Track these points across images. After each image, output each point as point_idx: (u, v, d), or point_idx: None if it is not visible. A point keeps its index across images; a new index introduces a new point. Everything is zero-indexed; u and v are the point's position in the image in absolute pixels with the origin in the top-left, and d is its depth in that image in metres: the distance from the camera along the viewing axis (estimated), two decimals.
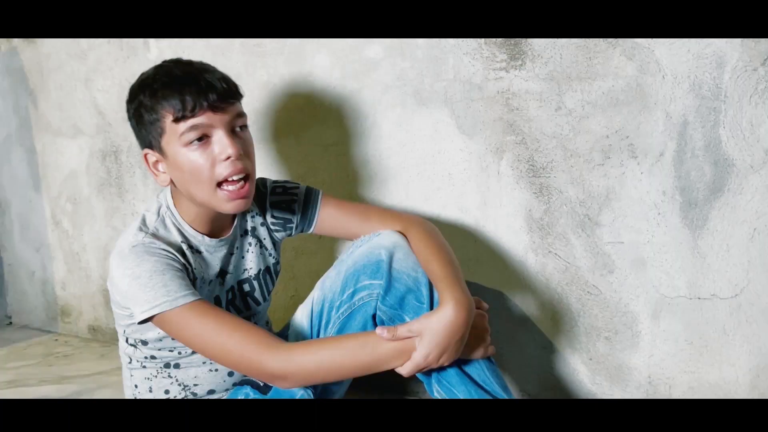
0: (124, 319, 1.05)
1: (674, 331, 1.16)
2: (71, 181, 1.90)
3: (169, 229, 1.04)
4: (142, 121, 1.01)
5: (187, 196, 1.03)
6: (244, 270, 1.15)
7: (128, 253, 0.98)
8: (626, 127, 1.14)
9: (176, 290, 0.95)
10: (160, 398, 1.11)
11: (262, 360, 0.95)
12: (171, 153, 0.99)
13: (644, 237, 1.16)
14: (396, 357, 0.96)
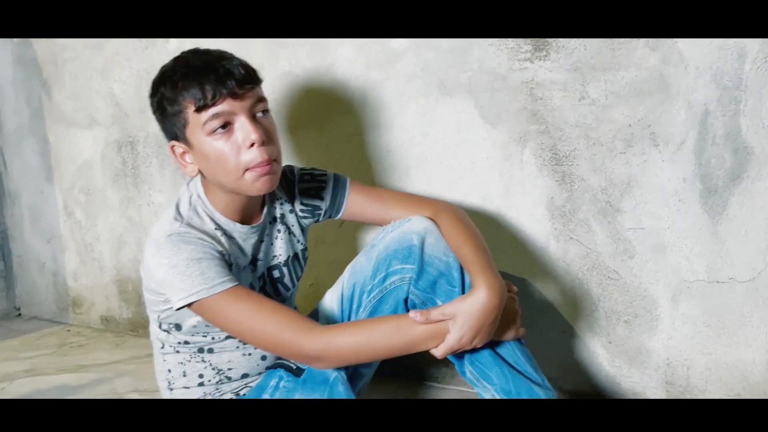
0: (158, 305, 1.06)
1: (693, 314, 1.20)
2: (85, 172, 1.90)
3: (202, 217, 1.06)
4: (165, 114, 1.02)
5: (216, 184, 1.05)
6: (273, 257, 1.17)
7: (164, 242, 0.99)
8: (649, 117, 1.18)
9: (213, 277, 0.97)
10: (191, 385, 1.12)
11: (299, 342, 0.97)
12: (196, 143, 1.01)
13: (665, 223, 1.20)
14: (429, 339, 0.99)
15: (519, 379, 1.01)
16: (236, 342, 1.11)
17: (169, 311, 1.05)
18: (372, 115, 1.43)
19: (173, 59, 1.04)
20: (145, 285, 1.07)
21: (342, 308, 1.14)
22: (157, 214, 1.80)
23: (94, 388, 1.54)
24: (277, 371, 1.09)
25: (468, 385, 1.44)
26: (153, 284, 1.03)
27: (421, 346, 0.99)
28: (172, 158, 1.71)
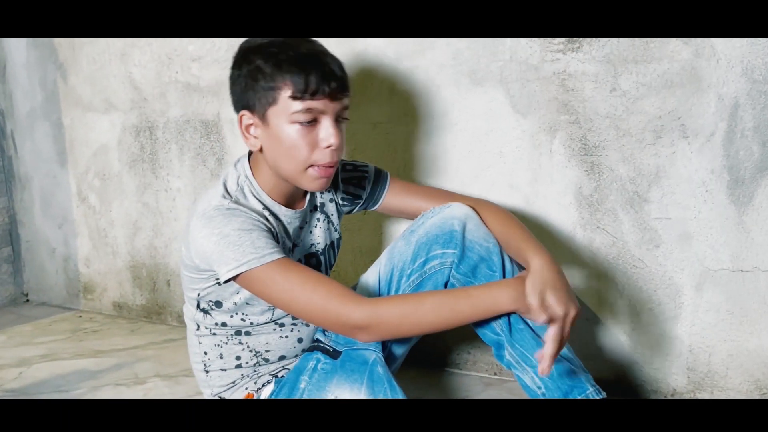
0: (200, 283, 1.07)
1: (716, 302, 1.24)
2: (101, 157, 1.89)
3: (248, 198, 1.06)
4: (254, 85, 1.01)
5: (272, 166, 1.05)
6: (312, 244, 1.18)
7: (215, 214, 0.99)
8: (679, 109, 1.21)
9: (263, 247, 0.97)
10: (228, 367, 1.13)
11: (345, 312, 0.96)
12: (275, 124, 1.01)
13: (691, 213, 1.23)
14: (477, 314, 0.99)
15: (559, 361, 1.04)
16: (273, 324, 1.12)
17: (210, 288, 1.06)
18: (400, 103, 1.44)
19: (275, 40, 1.02)
20: (185, 263, 1.07)
21: (379, 292, 1.15)
22: (175, 200, 1.79)
23: (114, 373, 1.54)
24: (314, 353, 1.10)
25: (487, 370, 1.48)
26: (198, 259, 1.02)
27: (467, 320, 1.00)
28: (194, 144, 1.74)
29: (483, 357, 1.47)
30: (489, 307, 0.98)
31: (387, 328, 0.98)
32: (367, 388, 1.03)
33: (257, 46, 1.03)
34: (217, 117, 1.69)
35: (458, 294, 0.99)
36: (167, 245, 1.84)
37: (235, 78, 1.05)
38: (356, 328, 0.97)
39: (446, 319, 0.98)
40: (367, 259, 1.57)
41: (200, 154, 1.73)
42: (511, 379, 1.44)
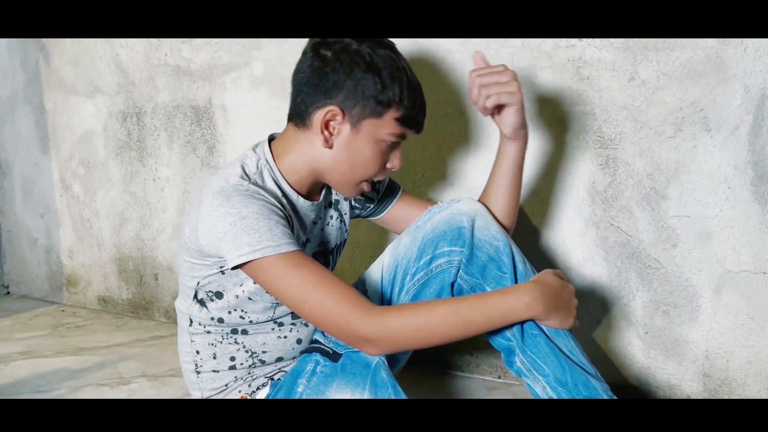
0: (202, 270, 0.99)
1: (736, 306, 1.17)
2: (85, 143, 1.80)
3: (267, 183, 1.00)
4: (363, 92, 0.96)
5: (326, 166, 1.01)
6: (322, 242, 1.12)
7: (233, 193, 0.92)
8: (702, 100, 1.14)
9: (280, 236, 0.91)
10: (221, 368, 1.05)
11: (356, 322, 0.91)
12: (366, 135, 0.98)
13: (712, 211, 1.16)
14: (491, 325, 0.94)
15: (576, 371, 0.97)
16: (272, 323, 1.04)
17: (213, 277, 0.99)
18: None
19: (392, 53, 0.98)
20: (187, 246, 0.99)
21: (382, 291, 1.08)
22: (164, 190, 1.71)
23: (97, 372, 1.46)
24: (312, 355, 1.03)
25: (491, 373, 1.41)
26: (206, 241, 0.94)
27: (479, 332, 0.95)
28: (184, 131, 1.66)
29: (486, 359, 1.41)
30: (504, 316, 0.93)
31: (396, 343, 0.93)
32: (369, 394, 0.96)
33: (364, 50, 0.96)
34: (208, 103, 1.61)
35: (472, 303, 0.93)
36: (155, 237, 1.76)
37: (326, 69, 0.96)
38: (364, 341, 0.92)
39: (459, 332, 0.93)
40: (366, 255, 1.49)
41: (190, 142, 1.65)
42: (516, 383, 1.37)
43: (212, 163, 1.64)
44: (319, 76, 0.97)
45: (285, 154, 1.02)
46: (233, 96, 1.59)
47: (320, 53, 0.97)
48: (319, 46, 0.99)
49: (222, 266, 0.97)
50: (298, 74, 1.00)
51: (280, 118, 1.54)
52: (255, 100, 1.56)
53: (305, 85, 0.99)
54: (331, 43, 0.98)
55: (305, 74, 0.99)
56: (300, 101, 1.00)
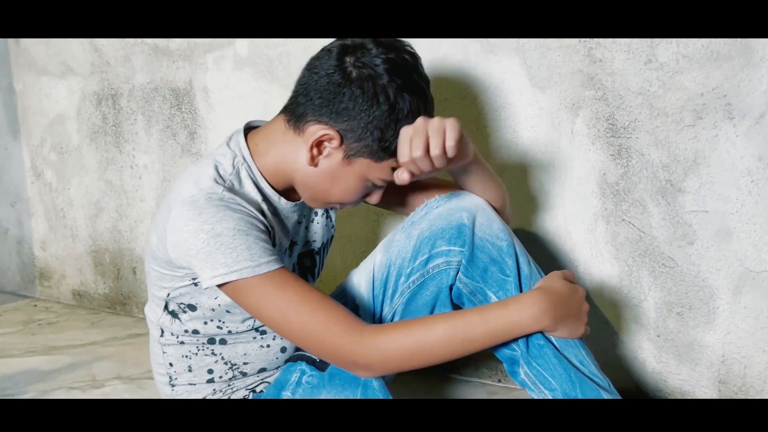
0: (173, 281, 0.89)
1: (756, 308, 1.09)
2: (57, 128, 1.69)
3: (245, 184, 0.89)
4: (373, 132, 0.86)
5: (300, 175, 0.90)
6: (307, 242, 1.03)
7: (206, 205, 0.82)
8: (724, 85, 1.05)
9: (260, 254, 0.82)
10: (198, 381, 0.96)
11: (346, 346, 0.83)
12: (355, 171, 0.89)
13: (732, 206, 1.08)
14: (494, 342, 0.87)
15: (586, 384, 0.88)
16: (253, 332, 0.95)
17: (185, 289, 0.89)
18: None
19: (419, 100, 0.88)
20: (156, 255, 0.90)
21: (373, 293, 0.99)
22: (141, 178, 1.61)
23: (69, 374, 1.37)
24: (297, 364, 0.94)
25: (491, 377, 1.33)
26: (176, 254, 0.85)
27: (481, 349, 0.87)
28: (163, 115, 1.55)
29: (486, 362, 1.32)
30: (508, 332, 0.86)
31: (390, 366, 0.85)
32: None
33: (392, 88, 0.85)
34: (189, 85, 1.51)
35: (471, 319, 0.85)
36: (133, 228, 1.65)
37: (344, 89, 0.85)
38: (356, 365, 0.84)
39: (458, 351, 0.85)
40: (357, 250, 1.40)
41: (170, 127, 1.55)
42: (517, 388, 1.29)
43: (193, 150, 1.54)
44: (333, 94, 0.85)
45: (267, 151, 0.91)
46: (216, 77, 1.48)
47: (344, 67, 0.85)
48: (346, 53, 0.86)
49: (195, 278, 0.88)
50: (312, 73, 0.87)
51: (267, 102, 1.44)
52: (239, 82, 1.46)
53: (315, 91, 0.86)
54: (359, 57, 0.85)
55: (320, 79, 0.86)
56: (302, 102, 0.88)
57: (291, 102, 0.90)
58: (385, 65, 0.85)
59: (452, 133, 0.82)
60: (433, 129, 0.82)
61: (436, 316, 0.87)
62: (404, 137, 0.83)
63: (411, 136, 0.82)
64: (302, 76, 0.89)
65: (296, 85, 0.90)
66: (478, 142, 1.24)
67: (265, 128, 0.93)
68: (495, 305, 0.87)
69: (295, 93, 0.90)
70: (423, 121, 0.83)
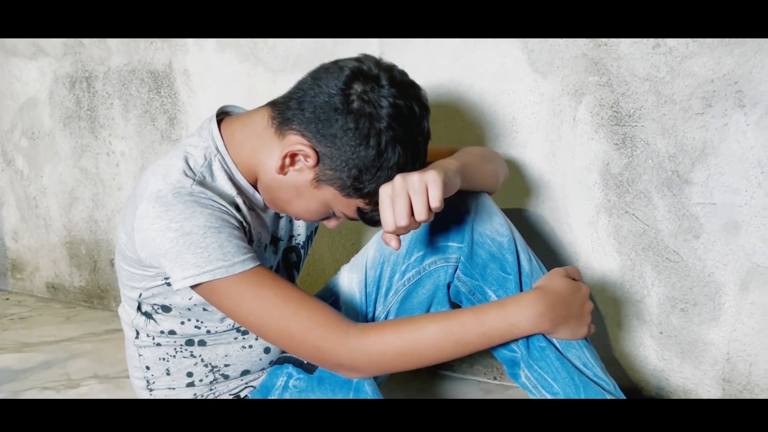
0: (144, 281, 0.83)
1: (763, 304, 1.05)
2: (28, 112, 1.61)
3: (217, 177, 0.82)
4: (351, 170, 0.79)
5: (266, 176, 0.84)
6: (291, 237, 0.97)
7: (174, 201, 0.75)
8: (736, 71, 1.00)
9: (234, 253, 0.76)
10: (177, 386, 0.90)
11: (330, 347, 0.78)
12: (320, 195, 0.83)
13: (741, 198, 1.03)
14: (489, 344, 0.82)
15: (591, 388, 0.83)
16: (234, 332, 0.88)
17: (157, 289, 0.83)
18: (392, 55, 1.20)
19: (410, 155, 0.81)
20: (125, 254, 0.84)
21: (366, 292, 0.94)
22: (119, 165, 1.53)
23: (42, 373, 1.30)
24: (284, 367, 0.89)
25: (486, 374, 1.28)
26: (145, 253, 0.79)
27: (474, 351, 0.82)
28: (141, 99, 1.47)
29: (481, 359, 1.28)
30: (504, 335, 0.81)
31: (379, 368, 0.80)
32: None
33: (386, 136, 0.78)
34: (168, 67, 1.43)
35: (466, 321, 0.79)
36: (110, 218, 1.58)
37: (339, 117, 0.78)
38: (341, 368, 0.80)
39: (451, 353, 0.80)
40: (347, 242, 1.34)
41: (148, 112, 1.47)
42: (514, 385, 1.25)
43: (173, 136, 1.46)
44: (327, 115, 0.78)
45: (242, 143, 0.84)
46: (197, 60, 1.41)
47: (349, 93, 0.78)
48: (357, 79, 0.78)
49: (167, 278, 0.81)
50: (315, 84, 0.80)
51: (252, 86, 1.37)
52: (222, 64, 1.38)
53: (310, 104, 0.79)
54: (368, 91, 0.78)
55: (319, 94, 0.79)
56: (294, 108, 0.80)
57: (283, 101, 0.83)
58: (390, 110, 0.78)
59: (435, 192, 0.75)
60: (414, 189, 0.75)
61: (428, 316, 0.82)
62: (385, 201, 0.76)
63: (392, 198, 0.75)
64: (304, 81, 0.82)
65: (296, 86, 0.83)
66: (475, 129, 1.19)
67: (246, 117, 0.86)
68: (491, 305, 0.82)
69: (291, 95, 0.82)
70: (402, 180, 0.76)
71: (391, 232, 0.77)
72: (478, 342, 0.80)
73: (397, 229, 0.76)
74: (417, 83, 0.83)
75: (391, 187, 0.75)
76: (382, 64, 0.81)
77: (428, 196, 0.75)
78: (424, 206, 0.75)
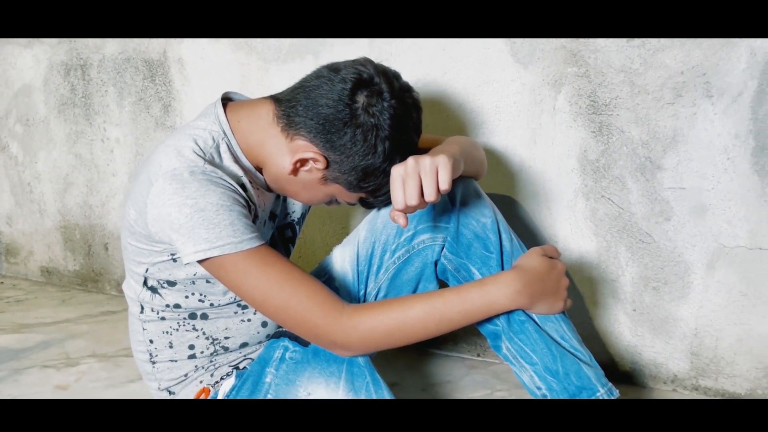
0: (151, 256, 0.87)
1: (729, 282, 1.12)
2: (23, 99, 1.62)
3: (225, 159, 0.87)
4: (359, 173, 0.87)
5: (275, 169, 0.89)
6: (287, 214, 1.02)
7: (190, 179, 0.80)
8: (704, 63, 1.06)
9: (242, 231, 0.80)
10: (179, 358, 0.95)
11: (326, 326, 0.83)
12: (328, 189, 0.91)
13: (709, 183, 1.10)
14: (471, 321, 0.87)
15: (567, 358, 0.89)
16: (235, 306, 0.93)
17: (163, 264, 0.87)
18: (381, 47, 1.24)
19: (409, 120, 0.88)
20: (133, 229, 0.87)
21: (358, 269, 0.98)
22: (113, 152, 1.56)
23: (41, 352, 1.33)
24: (280, 341, 0.93)
25: (470, 351, 1.34)
26: (155, 228, 0.83)
27: (458, 327, 0.87)
28: (136, 87, 1.50)
29: (465, 336, 1.34)
30: (484, 312, 0.87)
31: (369, 346, 0.85)
32: (345, 383, 0.88)
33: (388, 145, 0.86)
34: (163, 56, 1.46)
35: (448, 299, 0.85)
36: (104, 203, 1.61)
37: (348, 129, 0.84)
38: (335, 345, 0.85)
39: (436, 330, 0.86)
40: (337, 226, 1.39)
41: (143, 99, 1.50)
42: (496, 362, 1.31)
43: (167, 123, 1.50)
44: (336, 128, 0.84)
45: (248, 131, 0.89)
46: (191, 48, 1.44)
47: (355, 108, 0.84)
48: (359, 88, 0.84)
49: (173, 254, 0.86)
50: (320, 94, 0.85)
51: (245, 75, 1.40)
52: (216, 53, 1.42)
53: (317, 115, 0.84)
54: (372, 103, 0.84)
55: (326, 107, 0.84)
56: (301, 114, 0.85)
57: (287, 102, 0.87)
58: (391, 121, 0.85)
59: (445, 175, 0.80)
60: (425, 171, 0.79)
61: (414, 296, 0.87)
62: (396, 180, 0.80)
63: (403, 179, 0.80)
64: (307, 86, 0.87)
65: (299, 89, 0.87)
66: (460, 117, 1.24)
67: (251, 108, 0.91)
68: (472, 285, 0.87)
69: (294, 98, 0.87)
70: (414, 161, 0.80)
71: (401, 210, 0.81)
72: (460, 319, 0.86)
73: (407, 208, 0.81)
74: (411, 86, 0.89)
75: (403, 168, 0.80)
76: (380, 69, 0.86)
77: (438, 179, 0.80)
78: (433, 188, 0.79)
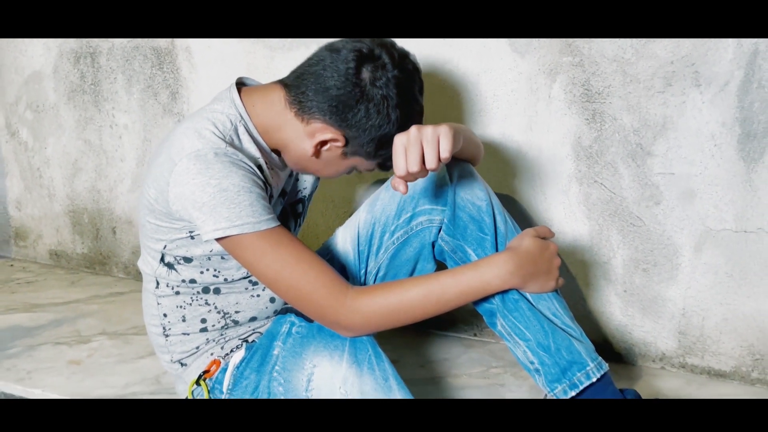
0: (170, 233, 0.92)
1: (715, 264, 1.17)
2: (34, 85, 1.66)
3: (243, 140, 0.92)
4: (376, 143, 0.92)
5: (296, 152, 0.95)
6: (298, 191, 1.07)
7: (214, 160, 0.85)
8: (693, 54, 1.10)
9: (261, 212, 0.85)
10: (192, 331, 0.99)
11: (332, 307, 0.88)
12: (348, 161, 0.96)
13: (696, 169, 1.14)
14: (466, 300, 0.92)
15: (558, 334, 0.94)
16: (246, 282, 0.98)
17: (182, 241, 0.92)
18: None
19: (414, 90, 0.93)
20: (153, 207, 0.91)
21: (358, 249, 1.03)
22: (122, 137, 1.60)
23: (54, 330, 1.38)
24: (287, 316, 0.98)
25: (467, 331, 1.39)
26: (177, 206, 0.87)
27: (455, 307, 0.92)
28: (144, 74, 1.54)
29: (462, 317, 1.38)
30: (479, 292, 0.92)
31: (370, 327, 0.91)
32: (349, 356, 0.92)
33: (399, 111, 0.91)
34: (171, 44, 1.50)
35: (444, 281, 0.90)
36: (112, 188, 1.65)
37: (360, 105, 0.89)
38: (338, 326, 0.90)
39: (433, 311, 0.91)
40: (339, 210, 1.44)
41: (151, 87, 1.54)
42: (492, 341, 1.36)
43: (175, 110, 1.54)
44: (349, 107, 0.89)
45: (264, 116, 0.94)
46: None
47: (363, 84, 0.88)
48: (363, 63, 0.88)
49: (192, 231, 0.91)
50: (325, 71, 0.89)
51: (251, 63, 1.45)
52: (223, 41, 1.46)
53: (328, 97, 0.89)
54: (377, 77, 0.88)
55: (335, 87, 0.89)
56: (312, 98, 0.90)
57: (296, 86, 0.92)
58: (398, 89, 0.89)
59: (446, 144, 0.83)
60: (427, 140, 0.83)
61: (413, 279, 0.92)
62: (399, 148, 0.83)
63: (406, 147, 0.83)
64: (311, 67, 0.91)
65: (303, 71, 0.92)
66: (460, 105, 1.28)
67: (264, 93, 0.95)
68: (467, 267, 0.92)
69: (301, 82, 0.91)
70: (416, 130, 0.83)
71: (402, 177, 0.85)
72: (456, 300, 0.90)
73: (408, 175, 0.84)
74: (407, 51, 0.93)
75: (406, 136, 0.83)
76: (376, 41, 0.91)
77: (439, 148, 0.84)
78: (435, 156, 0.83)
